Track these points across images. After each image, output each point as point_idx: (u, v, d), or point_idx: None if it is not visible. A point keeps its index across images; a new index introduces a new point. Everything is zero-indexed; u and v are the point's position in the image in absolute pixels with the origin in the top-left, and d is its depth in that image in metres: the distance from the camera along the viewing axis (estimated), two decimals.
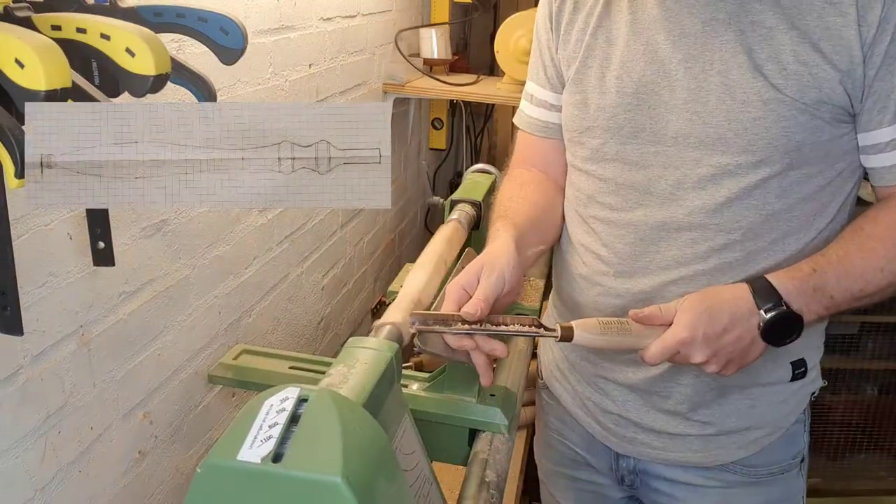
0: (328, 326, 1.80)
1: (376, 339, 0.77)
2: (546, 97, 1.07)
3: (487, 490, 0.83)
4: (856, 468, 2.71)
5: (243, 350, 1.17)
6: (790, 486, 1.07)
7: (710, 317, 0.83)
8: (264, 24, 1.31)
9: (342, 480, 0.49)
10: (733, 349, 0.84)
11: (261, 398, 0.57)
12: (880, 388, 2.72)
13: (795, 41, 0.84)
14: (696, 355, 0.83)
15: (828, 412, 2.60)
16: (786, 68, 0.84)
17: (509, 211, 0.99)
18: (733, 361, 0.85)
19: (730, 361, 0.85)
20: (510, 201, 1.02)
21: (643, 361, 0.85)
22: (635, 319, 0.85)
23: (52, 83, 0.56)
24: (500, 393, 0.98)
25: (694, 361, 0.84)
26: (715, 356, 0.83)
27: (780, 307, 0.83)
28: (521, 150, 1.13)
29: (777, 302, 0.83)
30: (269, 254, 1.42)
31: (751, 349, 0.85)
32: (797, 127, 0.85)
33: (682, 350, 0.83)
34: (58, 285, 0.87)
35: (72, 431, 0.92)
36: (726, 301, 0.85)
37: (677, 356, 0.84)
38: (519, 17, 2.00)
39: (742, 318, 0.83)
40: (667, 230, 0.93)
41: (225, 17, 0.74)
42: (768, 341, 0.84)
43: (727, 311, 0.83)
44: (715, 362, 0.84)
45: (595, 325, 0.85)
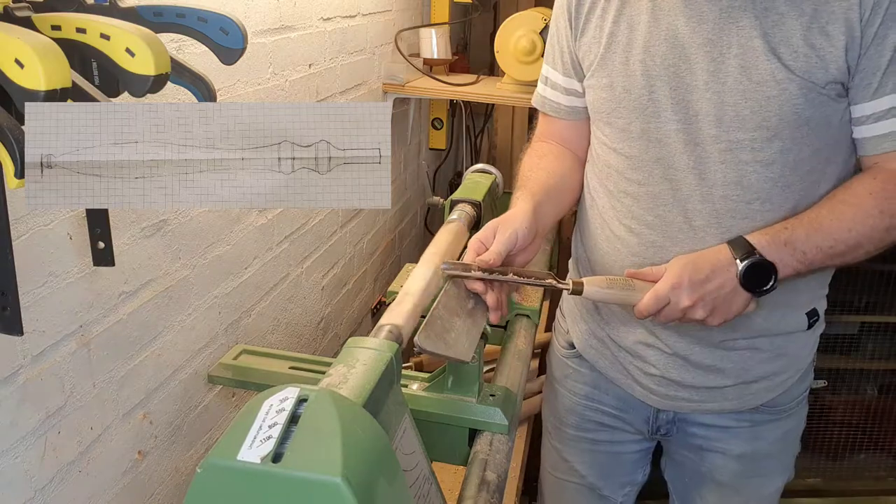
0: (328, 326, 1.80)
1: (376, 340, 0.77)
2: (560, 81, 1.16)
3: (487, 490, 0.83)
4: (856, 468, 2.71)
5: (243, 350, 1.17)
6: (801, 413, 1.22)
7: (695, 266, 0.94)
8: (264, 24, 1.31)
9: (342, 480, 0.49)
10: (717, 295, 0.94)
11: (260, 398, 0.57)
12: (880, 388, 2.72)
13: (805, 25, 0.92)
14: (683, 299, 0.93)
15: (828, 412, 2.59)
16: (796, 51, 0.93)
17: (529, 181, 1.10)
18: (718, 309, 0.94)
19: (715, 308, 0.94)
20: (530, 171, 1.13)
21: (636, 313, 0.95)
22: (630, 275, 0.97)
23: (51, 83, 0.56)
24: (500, 393, 0.98)
25: (682, 306, 0.93)
26: (701, 300, 0.93)
27: (754, 255, 0.93)
28: (542, 127, 1.24)
29: (751, 252, 0.94)
30: (268, 254, 1.42)
31: (734, 299, 0.94)
32: (806, 104, 0.94)
33: (672, 296, 0.93)
34: (57, 285, 0.87)
35: (71, 431, 0.92)
36: (708, 254, 0.96)
37: (667, 307, 0.94)
38: (519, 17, 2.00)
39: (722, 267, 0.94)
40: (692, 202, 1.01)
41: (225, 17, 0.74)
42: (747, 287, 0.94)
43: (709, 262, 0.95)
44: (701, 307, 0.93)
45: (602, 281, 0.96)
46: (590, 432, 1.29)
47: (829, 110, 0.95)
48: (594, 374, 1.25)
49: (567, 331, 1.29)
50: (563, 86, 1.16)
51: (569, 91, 1.15)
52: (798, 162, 0.97)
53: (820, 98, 0.94)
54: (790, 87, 0.93)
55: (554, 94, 1.18)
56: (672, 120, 1.00)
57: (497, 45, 2.01)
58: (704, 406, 1.14)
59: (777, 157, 0.97)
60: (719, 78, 0.96)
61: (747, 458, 1.19)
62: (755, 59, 0.94)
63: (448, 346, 0.84)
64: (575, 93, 1.15)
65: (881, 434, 2.70)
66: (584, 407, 1.28)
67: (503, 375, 1.07)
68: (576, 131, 1.18)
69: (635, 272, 0.97)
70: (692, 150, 1.00)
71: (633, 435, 1.27)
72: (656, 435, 1.25)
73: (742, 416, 1.16)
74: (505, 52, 2.01)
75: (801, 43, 0.92)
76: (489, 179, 1.45)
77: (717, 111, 0.97)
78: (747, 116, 0.95)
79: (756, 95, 0.94)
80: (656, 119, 1.01)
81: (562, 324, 1.32)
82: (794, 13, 0.92)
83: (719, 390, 1.12)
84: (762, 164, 0.97)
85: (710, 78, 0.96)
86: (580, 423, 1.29)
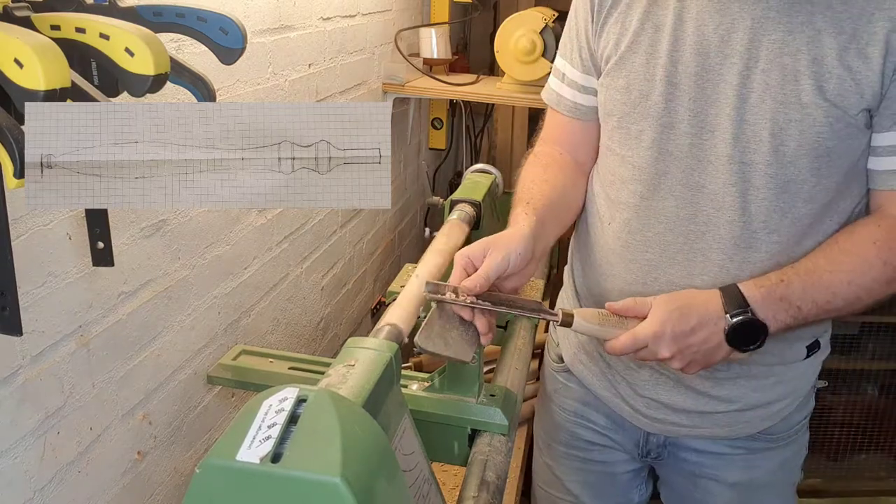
0: (328, 327, 1.80)
1: (376, 340, 0.77)
2: (577, 78, 1.08)
3: (487, 490, 0.83)
4: (856, 468, 2.71)
5: (242, 350, 1.17)
6: (800, 441, 1.15)
7: (681, 315, 0.88)
8: (264, 23, 1.31)
9: (341, 480, 0.49)
10: (698, 349, 0.88)
11: (260, 398, 0.57)
12: (881, 389, 2.72)
13: (842, 45, 0.85)
14: (662, 350, 0.87)
15: (828, 412, 2.59)
16: (830, 72, 0.86)
17: (533, 195, 1.01)
18: (696, 361, 0.89)
19: (693, 361, 0.89)
20: (533, 184, 1.04)
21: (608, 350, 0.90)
22: (611, 310, 0.90)
23: (51, 83, 0.56)
24: (500, 393, 0.98)
25: (660, 356, 0.88)
26: (680, 353, 0.88)
27: (746, 313, 0.87)
28: (550, 128, 1.15)
29: (744, 308, 0.88)
30: (268, 254, 1.42)
31: (716, 352, 0.89)
32: (831, 134, 0.88)
33: (651, 344, 0.87)
34: (57, 285, 0.87)
35: (71, 432, 0.92)
36: (697, 303, 0.89)
37: (644, 350, 0.88)
38: (519, 17, 2.00)
39: (710, 320, 0.88)
40: (695, 223, 0.96)
41: (224, 16, 0.74)
42: (732, 345, 0.88)
43: (696, 313, 0.88)
44: (679, 359, 0.88)
45: (595, 315, 0.90)
46: (581, 450, 1.23)
47: (854, 143, 0.89)
48: (583, 390, 1.19)
49: (557, 343, 1.24)
50: (581, 84, 1.07)
51: (587, 90, 1.07)
52: (813, 195, 0.91)
53: (847, 129, 0.88)
54: (815, 112, 0.87)
55: (571, 92, 1.09)
56: (687, 133, 0.94)
57: (497, 44, 2.01)
58: (697, 431, 1.09)
59: (790, 187, 0.91)
60: (741, 93, 0.90)
61: (743, 487, 1.13)
62: (781, 77, 0.88)
63: (448, 346, 0.84)
64: (594, 91, 1.06)
65: (881, 434, 2.70)
66: (574, 424, 1.22)
67: (503, 375, 1.06)
68: (587, 134, 1.10)
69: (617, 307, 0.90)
70: (703, 167, 0.94)
71: (624, 454, 1.20)
72: (647, 458, 1.19)
73: (737, 443, 1.10)
74: (505, 52, 2.00)
75: (836, 63, 0.85)
76: (489, 179, 1.45)
77: (735, 129, 0.91)
78: (765, 138, 0.89)
79: (777, 117, 0.88)
80: (670, 130, 0.95)
81: (553, 336, 1.27)
82: (832, 30, 0.85)
83: (710, 416, 1.06)
84: (773, 192, 0.91)
85: (732, 92, 0.90)
86: (570, 440, 1.23)
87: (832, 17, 0.86)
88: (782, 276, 0.90)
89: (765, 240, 0.93)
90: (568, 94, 1.10)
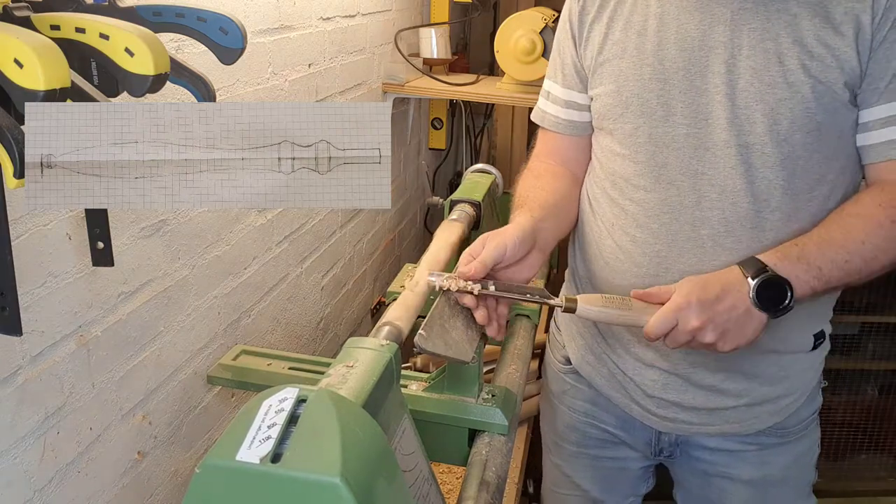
0: (327, 327, 1.80)
1: (376, 340, 0.77)
2: (560, 93, 1.14)
3: (487, 490, 0.83)
4: (856, 468, 2.71)
5: (242, 350, 1.17)
6: (812, 436, 1.17)
7: (704, 285, 0.89)
8: (264, 23, 1.31)
9: (341, 481, 0.49)
10: (728, 317, 0.88)
11: (259, 398, 0.57)
12: (881, 389, 2.72)
13: (818, 26, 0.91)
14: (691, 320, 0.87)
15: (828, 412, 2.59)
16: (811, 51, 0.91)
17: (528, 200, 1.05)
18: (730, 332, 0.88)
19: (726, 332, 0.88)
20: (528, 191, 1.08)
21: (645, 336, 0.90)
22: (636, 297, 0.91)
23: (50, 83, 0.56)
24: (500, 393, 0.98)
25: (690, 327, 0.87)
26: (711, 322, 0.87)
27: (767, 272, 0.89)
28: (541, 145, 1.20)
29: (763, 269, 0.89)
30: (268, 254, 1.42)
31: (747, 321, 0.89)
32: (818, 108, 0.92)
33: (679, 317, 0.87)
34: (57, 285, 0.87)
35: (71, 432, 0.92)
36: (718, 273, 0.92)
37: (675, 329, 0.88)
38: (519, 17, 2.00)
39: (733, 287, 0.89)
40: (700, 209, 0.99)
41: (224, 16, 0.74)
42: (761, 307, 0.88)
43: (719, 282, 0.90)
44: (711, 329, 0.88)
45: (598, 299, 0.91)
46: (592, 448, 1.25)
47: (841, 118, 0.94)
48: (592, 391, 1.20)
49: (563, 345, 1.25)
50: (562, 98, 1.13)
51: (568, 103, 1.12)
52: (808, 169, 0.95)
53: (833, 104, 0.92)
54: (803, 89, 0.92)
55: (554, 107, 1.15)
56: (682, 124, 0.98)
57: (497, 44, 2.01)
58: (706, 429, 1.10)
59: (787, 163, 0.95)
60: (730, 80, 0.94)
61: (757, 484, 1.14)
62: (767, 61, 0.93)
63: (448, 346, 0.84)
64: (574, 105, 1.12)
65: (881, 434, 2.70)
66: (585, 424, 1.24)
67: (503, 376, 1.06)
68: (575, 148, 1.14)
69: (642, 293, 0.92)
70: (702, 154, 0.98)
71: (636, 452, 1.23)
72: (660, 457, 1.21)
73: (748, 440, 1.12)
74: (505, 52, 2.00)
75: (815, 42, 0.91)
76: (489, 179, 1.45)
77: (729, 114, 0.95)
78: (758, 120, 0.94)
79: (767, 98, 0.93)
80: (664, 123, 0.99)
81: (557, 338, 1.28)
82: (807, 13, 0.91)
83: (720, 412, 1.08)
84: (772, 170, 0.95)
85: (721, 80, 0.95)
86: (581, 439, 1.25)
87: (806, 2, 0.92)
88: (796, 242, 0.93)
89: (769, 218, 0.97)
90: (553, 110, 1.15)
